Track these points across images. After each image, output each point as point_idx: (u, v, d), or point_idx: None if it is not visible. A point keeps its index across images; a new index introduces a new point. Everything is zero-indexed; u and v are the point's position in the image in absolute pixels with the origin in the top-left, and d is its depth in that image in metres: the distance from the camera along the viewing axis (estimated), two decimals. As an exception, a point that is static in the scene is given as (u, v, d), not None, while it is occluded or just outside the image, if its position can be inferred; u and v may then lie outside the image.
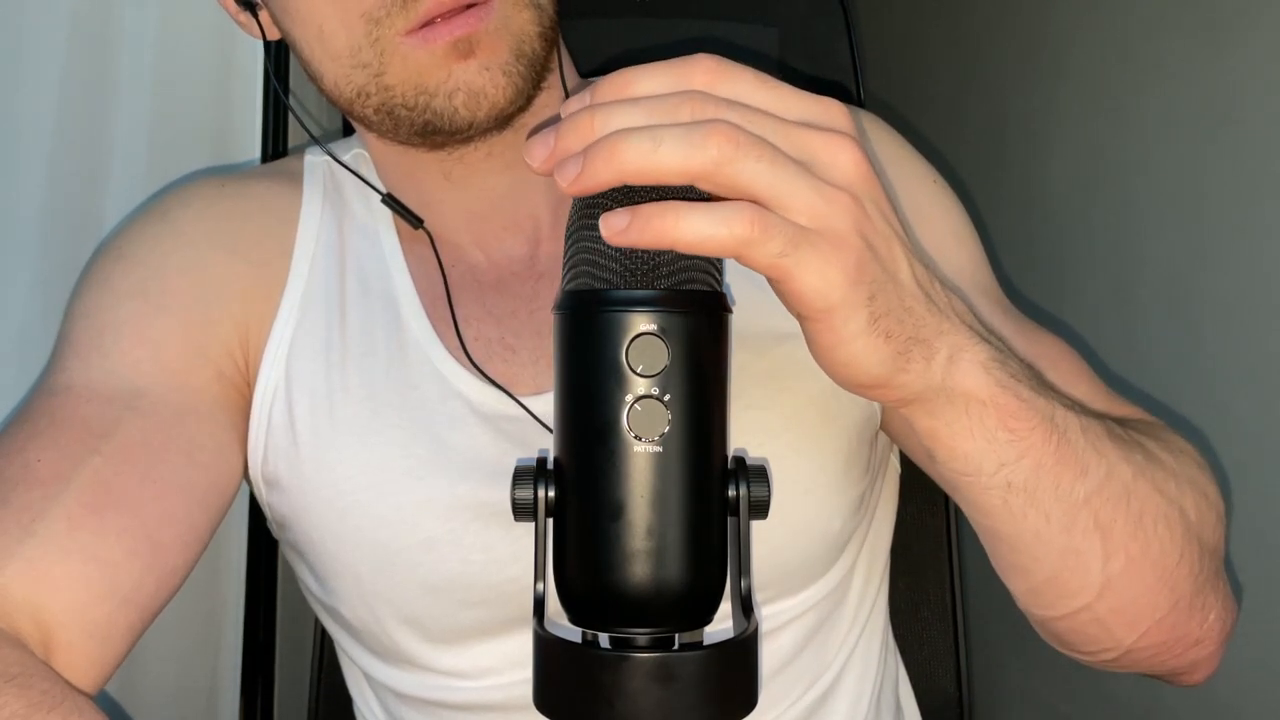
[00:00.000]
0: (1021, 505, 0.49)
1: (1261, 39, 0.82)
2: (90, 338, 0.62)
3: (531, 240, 0.67)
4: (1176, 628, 0.55)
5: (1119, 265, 1.02)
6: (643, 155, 0.39)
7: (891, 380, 0.44)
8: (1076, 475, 0.49)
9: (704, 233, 0.39)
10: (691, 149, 0.39)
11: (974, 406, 0.46)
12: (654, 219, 0.39)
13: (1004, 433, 0.47)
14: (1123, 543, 0.51)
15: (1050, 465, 0.48)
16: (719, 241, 0.39)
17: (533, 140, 0.41)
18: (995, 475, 0.48)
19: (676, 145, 0.39)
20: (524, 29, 0.59)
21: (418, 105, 0.59)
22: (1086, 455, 0.50)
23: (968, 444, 0.47)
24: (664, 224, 0.39)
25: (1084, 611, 0.53)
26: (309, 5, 0.59)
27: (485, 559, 0.62)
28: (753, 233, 0.39)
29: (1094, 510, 0.50)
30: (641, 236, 0.39)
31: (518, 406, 0.63)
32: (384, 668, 0.68)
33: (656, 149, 0.39)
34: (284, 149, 0.91)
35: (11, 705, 0.47)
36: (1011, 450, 0.47)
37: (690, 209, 0.39)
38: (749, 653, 0.44)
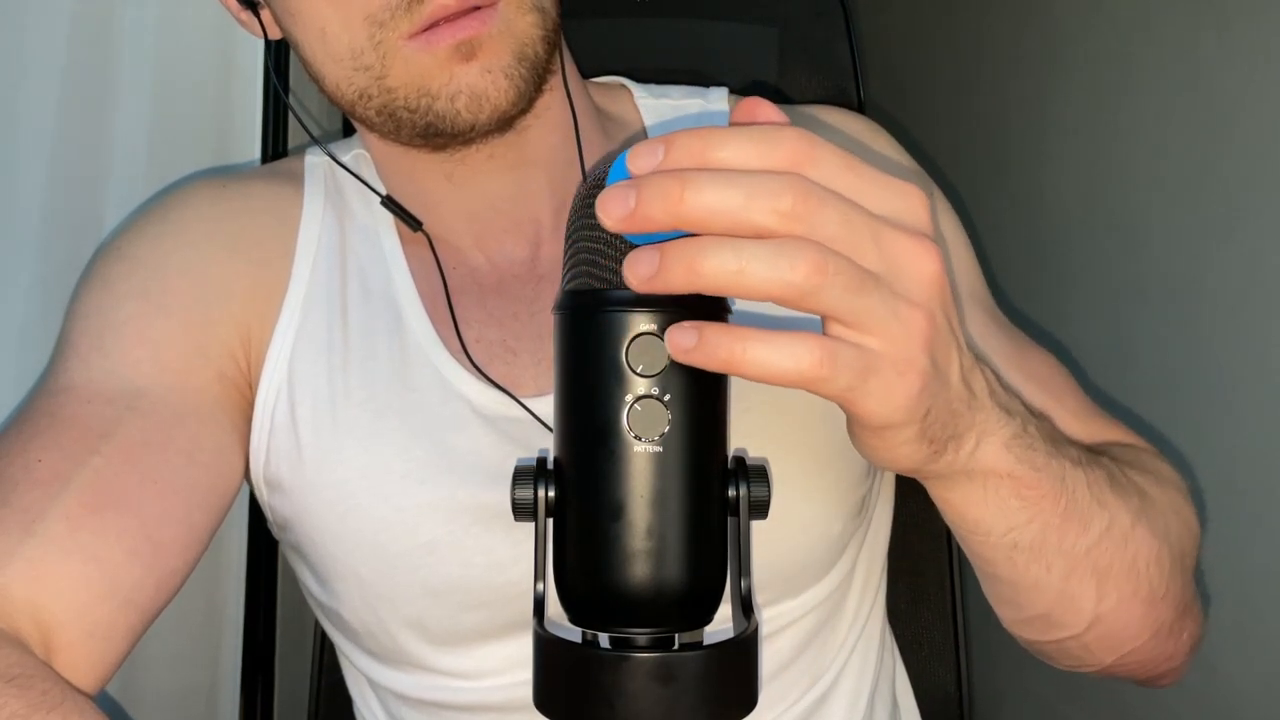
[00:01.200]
0: (1025, 561, 0.51)
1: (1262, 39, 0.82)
2: (91, 338, 0.62)
3: (532, 242, 0.67)
4: (1156, 649, 0.57)
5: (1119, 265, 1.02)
6: (727, 275, 0.36)
7: (922, 468, 0.45)
8: (1080, 531, 0.51)
9: (771, 365, 0.37)
10: (777, 274, 0.36)
11: (991, 481, 0.48)
12: (722, 343, 0.37)
13: (1016, 500, 0.48)
14: (1115, 584, 0.53)
15: (1056, 524, 0.50)
16: (785, 376, 0.38)
17: (610, 196, 0.38)
18: (1004, 537, 0.50)
19: (762, 269, 0.36)
20: (527, 32, 0.59)
21: (420, 107, 0.59)
22: (1090, 510, 0.51)
23: (979, 511, 0.49)
24: (730, 352, 0.37)
25: (1071, 640, 0.56)
26: (312, 7, 0.59)
27: (486, 561, 0.62)
28: (821, 371, 0.38)
29: (1093, 560, 0.52)
30: (708, 358, 0.38)
31: (519, 408, 0.63)
32: (385, 669, 0.68)
33: (741, 270, 0.36)
34: (284, 149, 0.91)
35: (11, 705, 0.47)
36: (1022, 515, 0.49)
37: (757, 338, 0.37)
38: (749, 653, 0.44)
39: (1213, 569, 0.86)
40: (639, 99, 0.73)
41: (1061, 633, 0.55)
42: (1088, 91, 1.08)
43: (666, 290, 0.37)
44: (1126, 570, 0.53)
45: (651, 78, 0.76)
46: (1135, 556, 0.54)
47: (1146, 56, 0.97)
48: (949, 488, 0.48)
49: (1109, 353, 1.03)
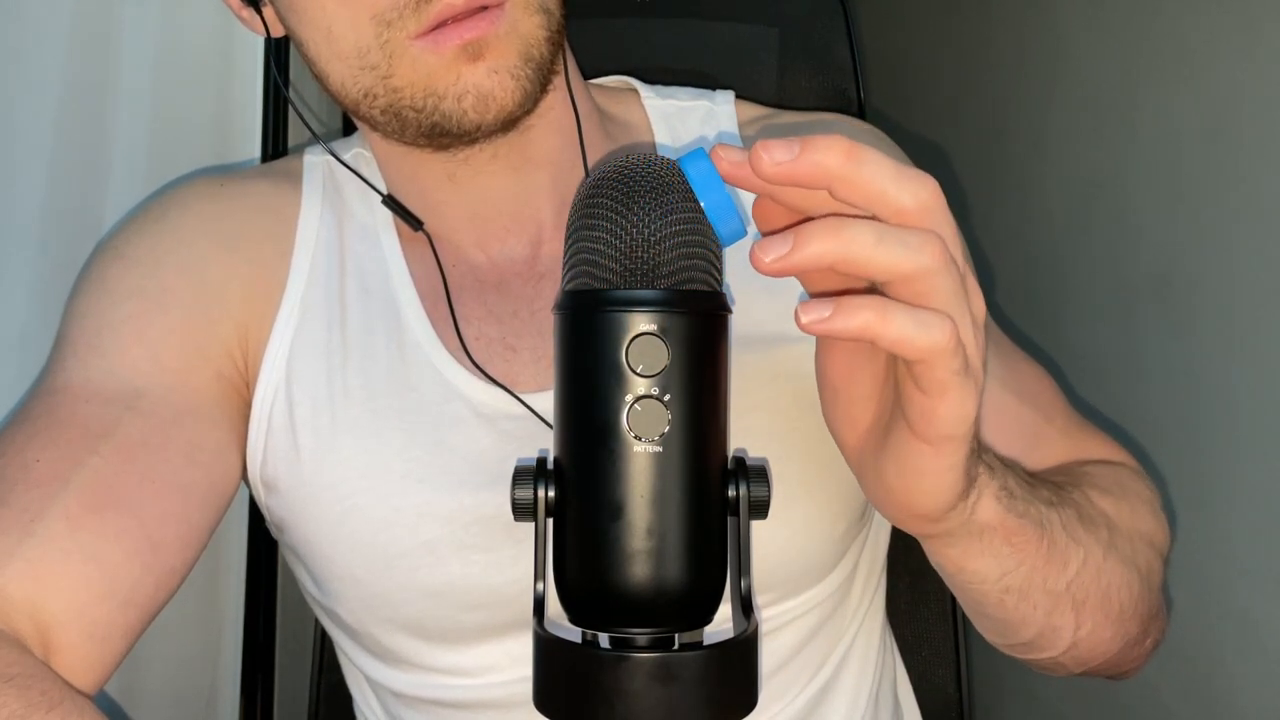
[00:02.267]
0: (1015, 602, 0.54)
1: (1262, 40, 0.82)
2: (89, 338, 0.62)
3: (534, 241, 0.67)
4: (1121, 656, 0.61)
5: (1118, 266, 1.02)
6: (866, 245, 0.38)
7: (943, 517, 0.47)
8: (1060, 569, 0.54)
9: (907, 334, 0.38)
10: (910, 251, 0.38)
11: (987, 533, 0.50)
12: (859, 312, 0.38)
13: (1006, 548, 0.51)
14: (1091, 613, 0.57)
15: (1041, 566, 0.53)
16: (917, 346, 0.39)
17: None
18: (997, 583, 0.52)
19: (897, 244, 0.38)
20: (533, 33, 0.59)
21: (426, 107, 0.58)
22: (1068, 549, 0.54)
23: (977, 563, 0.51)
24: (868, 320, 0.38)
25: (1047, 659, 0.59)
26: (317, 5, 0.59)
27: (485, 561, 0.62)
28: (951, 344, 0.39)
29: (1072, 594, 0.55)
30: (846, 326, 0.38)
31: (519, 406, 0.63)
32: (383, 668, 0.68)
33: (881, 240, 0.38)
34: (284, 148, 0.91)
35: (10, 705, 0.47)
36: (1011, 560, 0.52)
37: (895, 308, 0.39)
38: (749, 653, 0.44)
39: (1212, 569, 0.87)
40: (646, 100, 0.73)
41: (1041, 655, 0.59)
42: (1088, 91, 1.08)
43: (799, 265, 0.38)
44: (1100, 600, 0.57)
45: (652, 78, 0.76)
46: (1108, 586, 0.57)
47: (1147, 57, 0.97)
48: (950, 544, 0.50)
49: (1108, 354, 1.03)
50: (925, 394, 0.41)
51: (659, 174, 0.44)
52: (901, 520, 0.48)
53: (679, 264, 0.43)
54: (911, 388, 0.41)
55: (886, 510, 0.48)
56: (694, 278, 0.43)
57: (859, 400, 0.46)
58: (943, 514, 0.46)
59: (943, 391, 0.40)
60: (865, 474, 0.48)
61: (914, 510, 0.46)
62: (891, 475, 0.45)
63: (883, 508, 0.48)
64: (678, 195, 0.43)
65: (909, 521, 0.48)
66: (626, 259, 0.43)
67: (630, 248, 0.43)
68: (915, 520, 0.48)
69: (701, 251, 0.44)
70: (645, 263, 0.42)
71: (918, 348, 0.39)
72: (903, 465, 0.44)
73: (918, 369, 0.40)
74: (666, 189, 0.43)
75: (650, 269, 0.42)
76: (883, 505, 0.48)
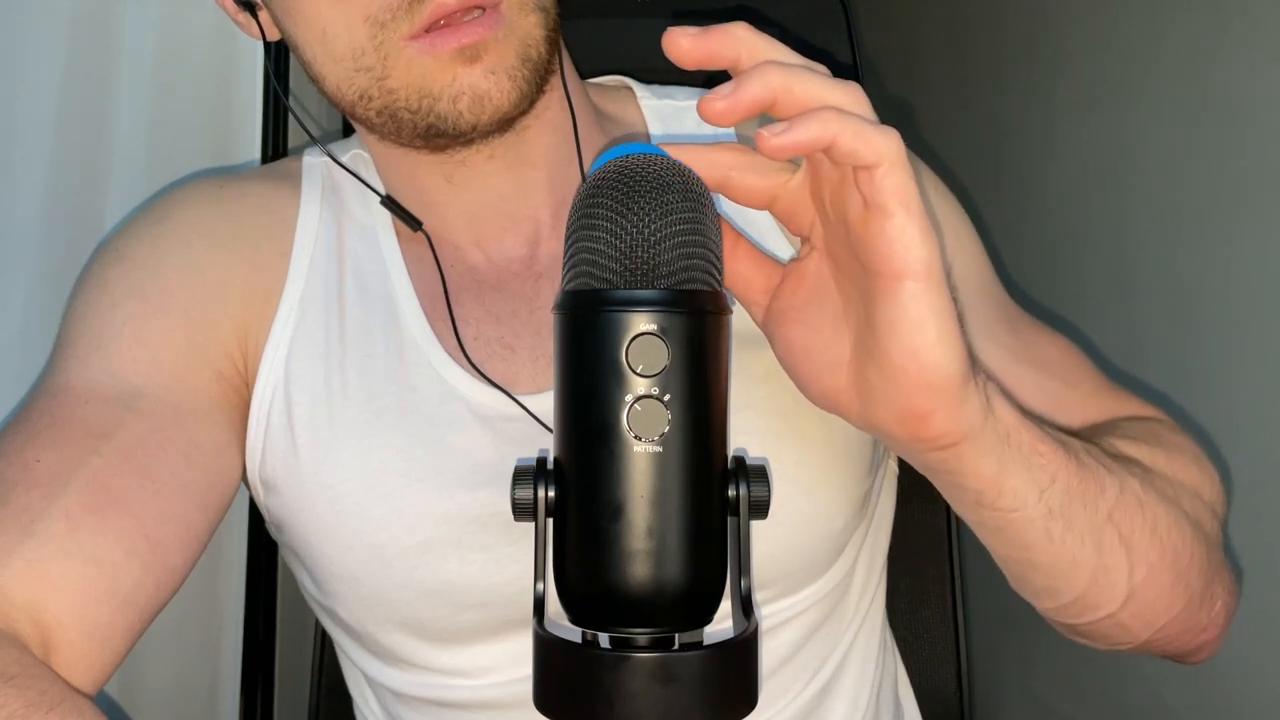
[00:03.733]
0: (1061, 532, 0.50)
1: (1261, 39, 0.82)
2: (89, 339, 0.62)
3: (531, 240, 0.67)
4: (1190, 620, 0.57)
5: (1118, 265, 1.02)
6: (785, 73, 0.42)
7: (962, 389, 0.44)
8: (1098, 493, 0.51)
9: (865, 134, 0.40)
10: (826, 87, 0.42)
11: (1013, 435, 0.48)
12: (815, 116, 0.40)
13: (1037, 458, 0.49)
14: (1143, 553, 0.53)
15: (1076, 486, 0.50)
16: (874, 146, 0.40)
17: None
18: (1038, 505, 0.49)
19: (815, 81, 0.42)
20: (530, 33, 0.59)
21: (421, 108, 0.58)
22: (1100, 474, 0.52)
23: (1014, 478, 0.48)
24: (825, 121, 0.40)
25: (1107, 619, 0.55)
26: (312, 7, 0.59)
27: (483, 561, 0.62)
28: (902, 150, 0.41)
29: (1117, 525, 0.52)
30: (808, 129, 0.40)
31: (517, 407, 0.63)
32: (382, 668, 0.68)
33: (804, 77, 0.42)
34: (284, 149, 0.91)
35: (10, 705, 0.47)
36: (1045, 474, 0.49)
37: (849, 114, 0.41)
38: (749, 653, 0.44)
39: (1213, 569, 0.87)
40: (642, 100, 0.73)
41: (1099, 613, 0.55)
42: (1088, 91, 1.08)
43: (744, 105, 0.42)
44: (1149, 538, 0.53)
45: (651, 78, 0.76)
46: (1155, 522, 0.54)
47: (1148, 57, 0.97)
48: (983, 450, 0.47)
49: (1108, 354, 1.03)
50: (889, 214, 0.41)
51: (659, 174, 0.44)
52: (929, 413, 0.44)
53: (679, 264, 0.43)
54: (876, 221, 0.42)
55: (911, 408, 0.44)
56: (694, 278, 0.43)
57: (831, 342, 0.47)
58: (962, 379, 0.44)
59: (905, 199, 0.41)
60: (873, 395, 0.45)
61: (933, 376, 0.43)
62: (896, 349, 0.43)
63: (906, 409, 0.45)
64: (677, 195, 0.43)
65: (936, 410, 0.44)
66: (626, 259, 0.43)
67: (630, 247, 0.43)
68: (941, 399, 0.44)
69: (702, 251, 0.44)
70: (645, 263, 0.42)
71: (876, 145, 0.40)
72: (899, 326, 0.43)
73: (879, 177, 0.41)
74: (666, 189, 0.43)
75: (650, 269, 0.43)
76: (904, 404, 0.44)
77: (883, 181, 0.41)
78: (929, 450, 0.47)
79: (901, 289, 0.42)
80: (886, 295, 0.43)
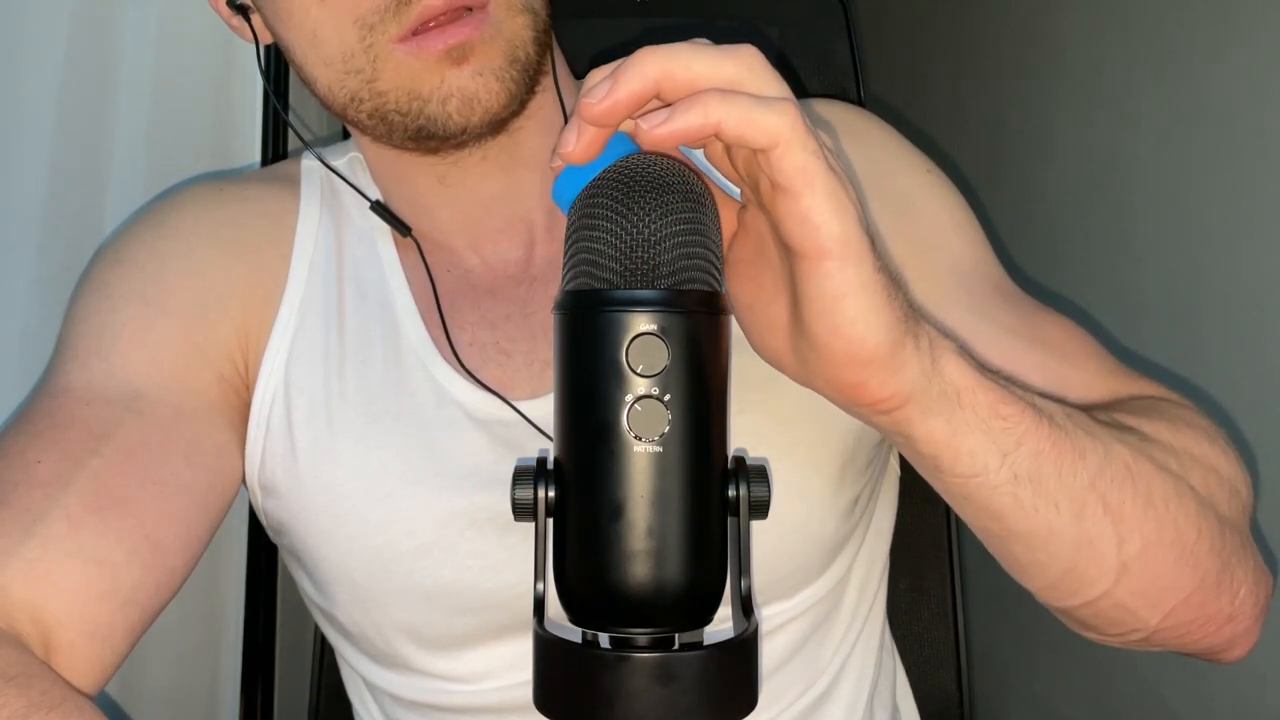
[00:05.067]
0: (1031, 498, 0.48)
1: (1261, 39, 0.82)
2: (89, 341, 0.62)
3: (526, 244, 0.67)
4: (1205, 605, 0.53)
5: (1118, 264, 1.03)
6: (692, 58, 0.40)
7: (892, 356, 0.43)
8: (1076, 458, 0.49)
9: (752, 114, 0.38)
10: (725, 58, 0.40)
11: (965, 396, 0.46)
12: (697, 102, 0.39)
13: (998, 420, 0.47)
14: (1136, 524, 0.50)
15: (1049, 451, 0.48)
16: (765, 125, 0.39)
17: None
18: (1001, 470, 0.47)
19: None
20: (518, 34, 0.59)
21: (411, 111, 0.58)
22: (1079, 439, 0.49)
23: (969, 439, 0.46)
24: (707, 107, 0.39)
25: (1104, 598, 0.52)
26: (301, 10, 0.59)
27: (480, 565, 0.62)
28: (797, 118, 0.39)
29: (1100, 494, 0.49)
30: (688, 118, 0.39)
31: (513, 412, 0.63)
32: (380, 671, 0.68)
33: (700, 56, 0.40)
34: (284, 151, 0.91)
35: (11, 705, 0.47)
36: (1009, 438, 0.47)
37: (734, 94, 0.39)
38: (749, 653, 0.44)
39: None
40: None
41: (1092, 590, 0.52)
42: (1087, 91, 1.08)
43: (623, 100, 0.40)
44: (1142, 508, 0.50)
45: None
46: (1149, 493, 0.51)
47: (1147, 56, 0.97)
48: (929, 411, 0.45)
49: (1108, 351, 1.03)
50: (795, 194, 0.40)
51: (659, 174, 0.44)
52: (860, 383, 0.43)
53: (679, 264, 0.43)
54: (783, 201, 0.40)
55: (843, 381, 0.44)
56: (694, 278, 0.43)
57: (770, 302, 0.46)
58: (890, 348, 0.42)
59: (809, 179, 0.39)
60: (807, 364, 0.45)
61: (857, 351, 0.42)
62: (817, 327, 0.42)
63: (839, 382, 0.44)
64: (677, 195, 0.43)
65: (867, 380, 0.43)
66: (626, 259, 0.43)
67: (630, 247, 0.43)
68: (869, 371, 0.43)
69: (702, 251, 0.44)
70: (645, 263, 0.42)
71: (766, 127, 0.38)
72: (818, 305, 0.42)
73: (775, 159, 0.39)
74: (666, 189, 0.43)
75: (650, 269, 0.43)
76: (837, 377, 0.44)
77: (781, 163, 0.39)
78: (873, 414, 0.46)
79: (817, 268, 0.41)
80: (803, 273, 0.42)
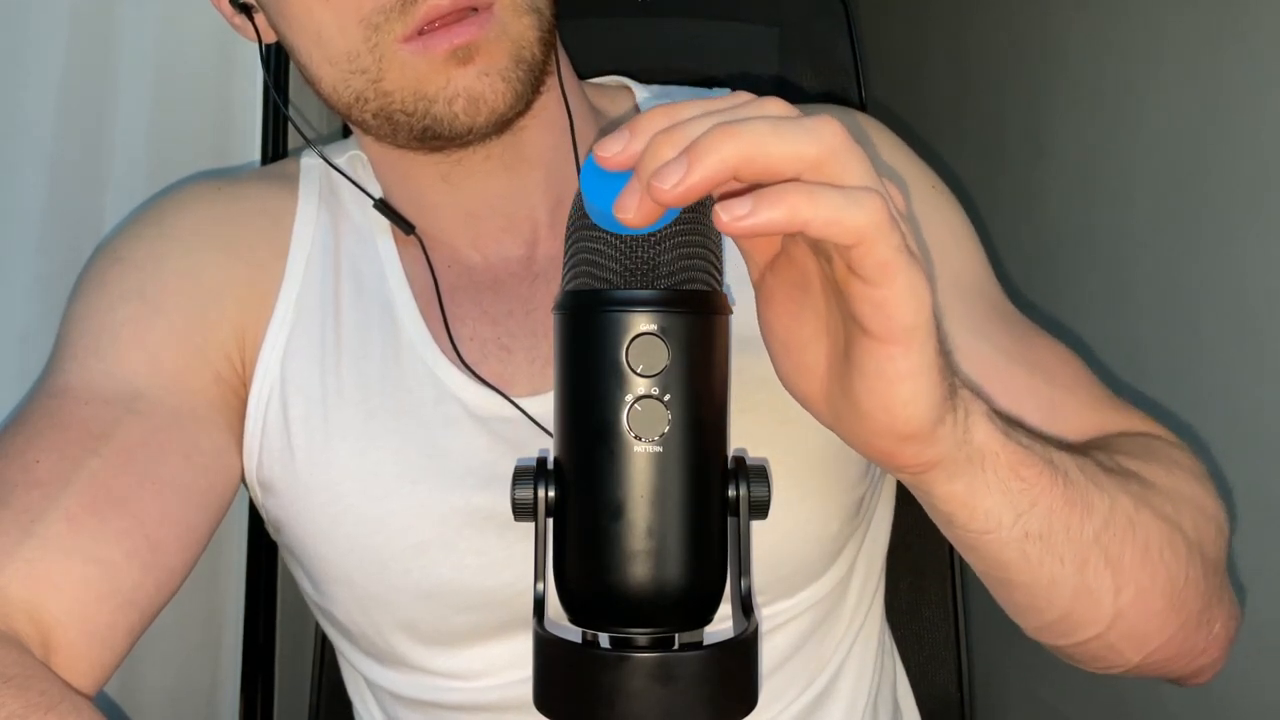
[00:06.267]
0: (1039, 553, 0.49)
1: (1261, 39, 0.82)
2: (88, 341, 0.62)
3: (529, 241, 0.67)
4: (1185, 643, 0.55)
5: (1118, 266, 1.02)
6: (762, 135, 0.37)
7: (933, 432, 0.43)
8: (1084, 514, 0.49)
9: (838, 212, 0.37)
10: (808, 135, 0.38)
11: (989, 460, 0.46)
12: (784, 197, 0.36)
13: (1016, 481, 0.47)
14: (1132, 574, 0.51)
15: (1060, 508, 0.49)
16: (850, 225, 0.37)
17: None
18: (1014, 528, 0.48)
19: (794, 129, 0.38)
20: (523, 34, 0.59)
21: (417, 111, 0.58)
22: (1090, 493, 0.50)
23: (987, 500, 0.47)
24: (794, 204, 0.36)
25: (1095, 640, 0.54)
26: (306, 10, 0.59)
27: (479, 563, 0.62)
28: (885, 216, 0.37)
29: (1103, 547, 0.50)
30: (771, 216, 0.36)
31: (513, 409, 0.63)
32: (380, 669, 0.68)
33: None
34: (284, 150, 0.91)
35: (9, 705, 0.47)
36: (1025, 499, 0.47)
37: (820, 187, 0.37)
38: (749, 653, 0.44)
39: (1214, 569, 0.86)
40: (640, 99, 0.73)
41: (1085, 633, 0.53)
42: (1088, 91, 1.08)
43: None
44: (1140, 558, 0.52)
45: (652, 78, 0.76)
46: (1147, 543, 0.52)
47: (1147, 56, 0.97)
48: (953, 475, 0.45)
49: (1108, 354, 1.03)
50: (873, 284, 0.38)
51: (659, 174, 0.44)
52: (893, 452, 0.44)
53: (679, 264, 0.43)
54: (858, 286, 0.39)
55: (875, 446, 0.44)
56: (694, 278, 0.43)
57: (808, 344, 0.45)
58: (932, 426, 0.42)
59: (891, 274, 0.38)
60: (841, 418, 0.44)
61: (901, 429, 0.42)
62: (866, 398, 0.42)
63: (870, 445, 0.44)
64: None
65: (901, 450, 0.43)
66: (626, 259, 0.43)
67: (630, 247, 0.43)
68: (907, 444, 0.43)
69: (702, 252, 0.44)
70: (645, 262, 0.43)
71: (852, 226, 0.37)
72: (874, 381, 0.41)
73: (858, 255, 0.38)
74: None
75: (650, 269, 0.43)
76: (869, 441, 0.44)
77: (864, 259, 0.38)
78: (895, 470, 0.46)
79: (882, 349, 0.40)
80: (865, 349, 0.41)
